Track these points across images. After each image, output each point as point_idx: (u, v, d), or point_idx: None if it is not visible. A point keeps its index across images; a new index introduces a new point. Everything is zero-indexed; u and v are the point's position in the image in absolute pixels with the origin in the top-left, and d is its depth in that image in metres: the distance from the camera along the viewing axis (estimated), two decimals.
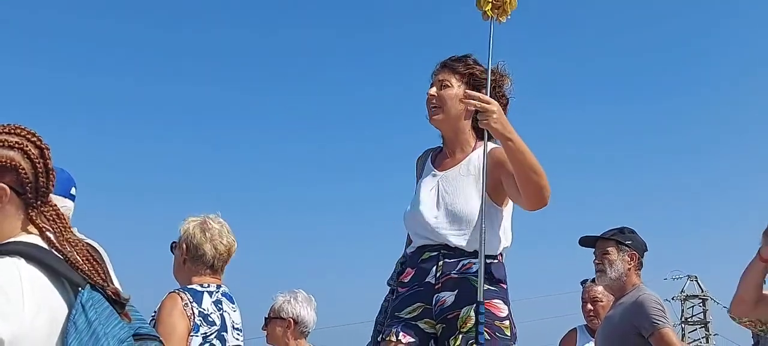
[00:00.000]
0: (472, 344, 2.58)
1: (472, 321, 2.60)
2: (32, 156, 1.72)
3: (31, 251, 1.64)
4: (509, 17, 2.84)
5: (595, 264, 3.96)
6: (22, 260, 1.62)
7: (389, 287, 2.92)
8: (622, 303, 3.86)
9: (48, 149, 1.76)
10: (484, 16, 2.79)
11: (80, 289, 1.65)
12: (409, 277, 2.79)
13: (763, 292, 3.20)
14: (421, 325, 2.71)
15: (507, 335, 2.67)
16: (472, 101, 2.62)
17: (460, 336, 2.61)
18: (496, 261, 2.75)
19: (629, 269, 3.89)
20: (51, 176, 1.77)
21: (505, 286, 2.75)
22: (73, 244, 1.73)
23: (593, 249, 4.01)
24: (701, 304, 45.67)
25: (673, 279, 45.88)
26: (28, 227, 1.73)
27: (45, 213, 1.75)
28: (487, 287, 2.65)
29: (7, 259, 1.61)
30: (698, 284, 46.14)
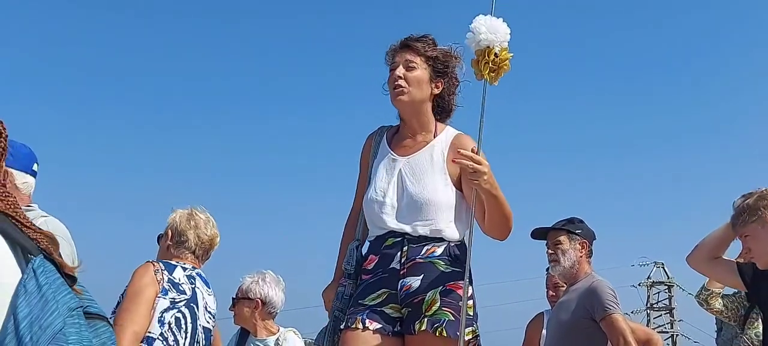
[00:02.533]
0: (437, 326, 2.62)
1: (437, 304, 2.65)
2: None
3: None
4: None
5: (549, 255, 4.10)
6: None
7: (344, 271, 2.88)
8: (576, 289, 3.99)
9: None
10: (478, 76, 2.70)
11: (32, 256, 1.67)
12: (373, 264, 2.78)
13: (723, 257, 3.30)
14: (387, 310, 2.71)
15: (470, 315, 2.69)
16: (464, 162, 2.57)
17: (425, 320, 2.64)
18: (459, 243, 2.78)
19: (581, 257, 4.03)
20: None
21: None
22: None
23: (545, 241, 4.14)
24: (667, 290, 46.34)
25: (640, 266, 46.52)
26: None
27: None
28: (451, 269, 2.70)
29: None
30: (664, 270, 46.81)
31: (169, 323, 2.93)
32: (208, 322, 3.13)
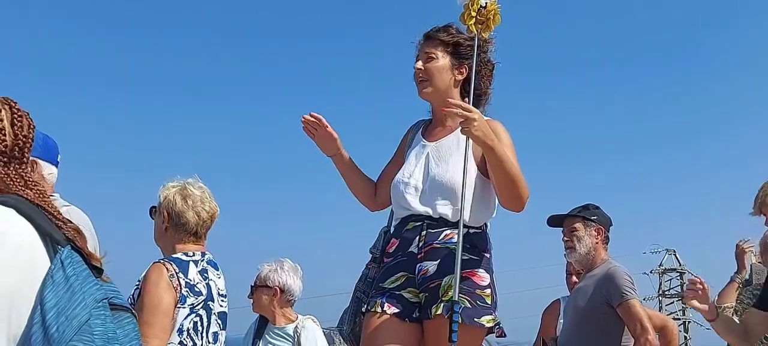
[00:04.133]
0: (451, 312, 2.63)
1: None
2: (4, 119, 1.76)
3: (22, 205, 1.69)
4: (493, 33, 2.86)
5: (564, 242, 4.09)
6: (14, 212, 1.67)
7: (371, 255, 2.93)
8: (593, 275, 3.99)
9: (22, 115, 1.80)
10: (469, 31, 2.80)
11: (61, 247, 1.70)
12: (394, 247, 2.81)
13: (749, 316, 3.26)
14: (405, 294, 2.74)
15: (488, 304, 2.70)
16: (453, 110, 2.62)
17: (442, 305, 2.65)
18: (479, 231, 2.78)
19: (597, 244, 4.03)
20: (11, 133, 1.78)
21: (488, 255, 2.79)
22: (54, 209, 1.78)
23: (561, 228, 4.13)
24: (679, 277, 46.21)
25: (652, 253, 46.41)
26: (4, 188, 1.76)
27: (12, 174, 1.77)
28: (469, 256, 2.70)
29: (2, 207, 1.67)
30: (676, 258, 46.67)
31: (188, 330, 2.84)
32: (221, 305, 3.01)
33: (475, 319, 2.65)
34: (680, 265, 45.79)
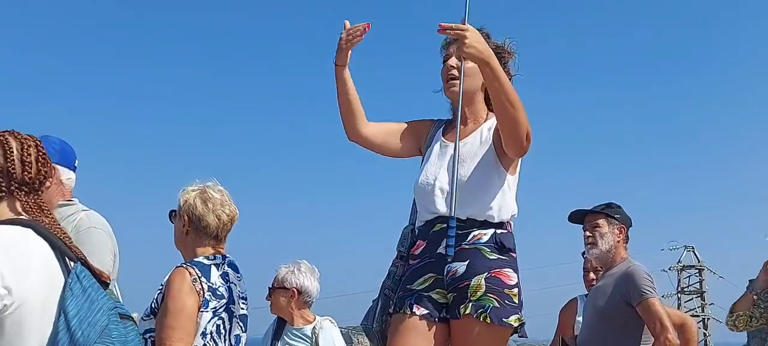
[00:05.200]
0: (481, 312, 2.64)
1: (482, 290, 2.66)
2: (6, 150, 1.98)
3: (38, 227, 1.93)
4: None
5: (586, 237, 4.08)
6: (32, 231, 1.91)
7: (398, 252, 2.93)
8: (613, 274, 3.98)
9: (30, 144, 2.03)
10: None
11: (73, 262, 1.95)
12: (421, 249, 2.82)
13: None
14: (434, 295, 2.75)
15: (515, 303, 2.71)
16: (447, 31, 2.58)
17: (470, 304, 2.66)
18: (505, 231, 2.79)
19: (618, 242, 4.02)
20: (34, 168, 2.02)
21: (514, 255, 2.79)
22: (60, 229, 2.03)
23: (582, 224, 4.11)
24: (697, 274, 45.91)
25: (670, 250, 46.13)
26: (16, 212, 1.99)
27: (31, 202, 2.01)
28: (497, 256, 2.72)
29: (21, 227, 1.90)
30: (695, 254, 46.37)
31: (211, 333, 2.84)
32: (242, 308, 3.02)
33: (504, 319, 2.66)
34: (699, 261, 45.48)
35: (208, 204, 2.99)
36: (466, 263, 2.71)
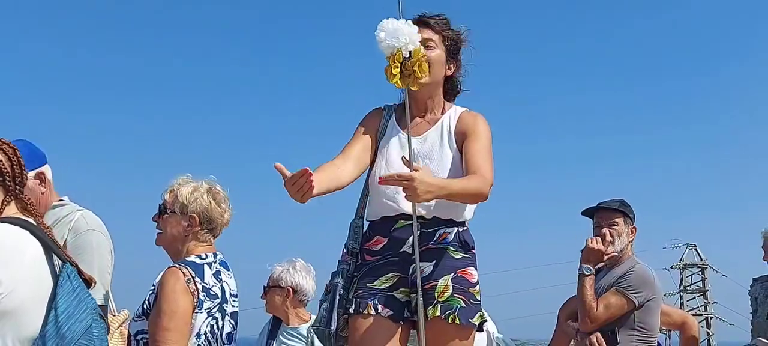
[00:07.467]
0: (449, 313, 2.62)
1: (449, 290, 2.65)
2: (8, 153, 2.16)
3: (33, 228, 2.08)
4: (423, 81, 2.60)
5: (602, 234, 3.88)
6: (27, 232, 2.06)
7: (348, 249, 2.80)
8: (614, 273, 3.90)
9: (17, 150, 2.19)
10: (398, 86, 2.57)
11: (62, 262, 2.10)
12: (381, 246, 2.74)
13: None
14: (397, 295, 2.70)
15: (477, 301, 2.71)
16: (390, 182, 2.46)
17: (439, 305, 2.63)
18: (466, 228, 2.77)
19: (629, 242, 3.93)
20: (23, 169, 2.20)
21: (475, 252, 2.78)
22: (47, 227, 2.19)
23: (591, 218, 4.00)
24: (700, 272, 45.88)
25: (672, 248, 46.09)
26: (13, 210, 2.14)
27: (24, 200, 2.17)
28: (461, 255, 2.71)
29: (18, 228, 2.06)
30: (697, 252, 46.32)
31: (205, 333, 2.81)
32: (233, 306, 2.96)
33: (470, 319, 2.65)
34: (701, 259, 45.41)
35: (221, 205, 2.94)
36: (433, 263, 2.67)
